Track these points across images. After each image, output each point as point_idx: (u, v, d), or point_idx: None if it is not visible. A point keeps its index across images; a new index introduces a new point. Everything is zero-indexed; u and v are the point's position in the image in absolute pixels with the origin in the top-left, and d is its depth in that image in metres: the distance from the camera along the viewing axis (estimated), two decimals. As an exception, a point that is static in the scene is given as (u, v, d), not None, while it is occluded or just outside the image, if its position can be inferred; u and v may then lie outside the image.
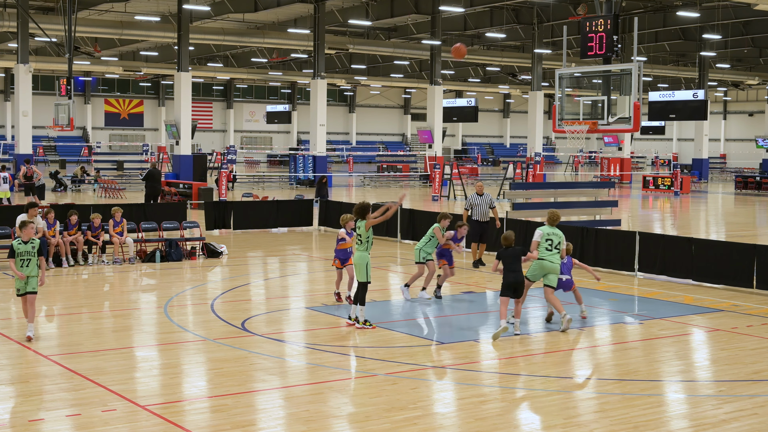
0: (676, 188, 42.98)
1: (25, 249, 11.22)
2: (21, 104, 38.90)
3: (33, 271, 11.24)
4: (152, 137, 77.55)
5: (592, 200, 25.20)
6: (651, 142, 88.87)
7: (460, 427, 8.17)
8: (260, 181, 49.86)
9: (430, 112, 47.66)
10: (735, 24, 46.89)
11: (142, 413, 8.35)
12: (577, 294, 13.18)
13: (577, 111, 20.96)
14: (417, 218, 22.04)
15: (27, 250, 11.22)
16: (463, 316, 13.39)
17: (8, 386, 9.27)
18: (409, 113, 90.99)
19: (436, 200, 35.86)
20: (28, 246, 11.25)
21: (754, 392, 9.38)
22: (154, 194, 27.13)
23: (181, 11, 39.94)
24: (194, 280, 16.64)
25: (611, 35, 20.97)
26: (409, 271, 17.78)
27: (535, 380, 9.80)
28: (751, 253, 15.62)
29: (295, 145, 77.38)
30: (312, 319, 12.99)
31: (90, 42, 52.58)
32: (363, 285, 12.05)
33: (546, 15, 47.15)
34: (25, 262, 11.20)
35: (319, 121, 44.04)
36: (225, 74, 68.72)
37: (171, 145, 49.86)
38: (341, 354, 10.89)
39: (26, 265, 11.20)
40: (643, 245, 17.03)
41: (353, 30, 52.25)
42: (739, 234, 24.63)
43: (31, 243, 11.26)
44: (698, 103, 45.08)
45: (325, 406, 8.70)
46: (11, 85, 61.32)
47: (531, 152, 49.67)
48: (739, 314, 13.54)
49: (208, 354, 10.78)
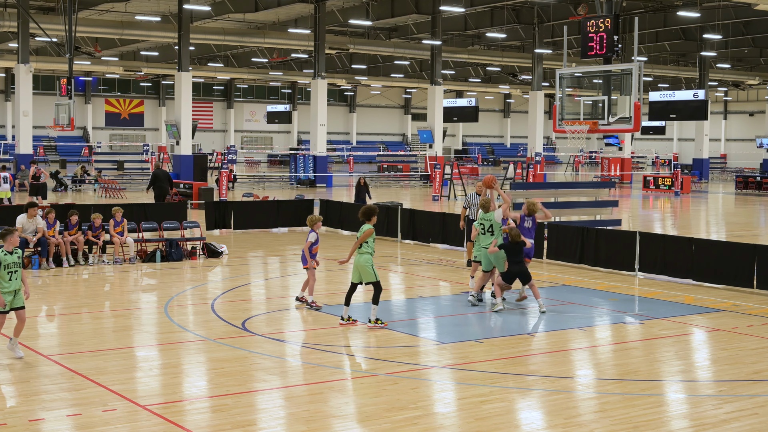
0: (676, 188, 42.98)
1: (12, 260, 10.20)
2: (21, 104, 38.93)
3: (19, 284, 10.27)
4: (153, 137, 77.57)
5: (593, 200, 25.20)
6: (651, 142, 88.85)
7: (460, 427, 8.17)
8: (261, 181, 49.86)
9: (431, 112, 47.66)
10: (735, 24, 46.89)
11: (143, 413, 8.34)
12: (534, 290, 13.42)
13: (578, 111, 20.96)
14: (417, 218, 22.03)
15: (14, 261, 10.23)
16: (463, 316, 13.39)
17: (8, 386, 9.27)
18: (410, 113, 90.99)
19: (436, 200, 35.86)
20: (14, 256, 10.25)
21: (755, 392, 9.37)
22: (163, 195, 27.17)
23: (181, 11, 39.96)
24: (194, 280, 16.64)
25: (612, 35, 20.97)
26: (410, 271, 17.80)
27: (535, 380, 9.80)
28: (752, 253, 15.61)
29: (296, 145, 77.39)
30: (312, 319, 12.99)
31: (90, 42, 52.61)
32: (377, 285, 12.10)
33: (546, 15, 47.16)
34: (13, 275, 10.20)
35: (320, 121, 44.05)
36: (225, 74, 68.74)
37: (171, 145, 49.86)
38: (341, 354, 10.88)
39: (15, 278, 10.21)
40: (643, 245, 17.03)
41: (353, 30, 52.26)
42: (740, 234, 24.63)
43: (16, 253, 10.29)
44: (699, 103, 45.08)
45: (325, 406, 8.70)
46: (12, 85, 61.32)
47: (531, 152, 49.67)
48: (739, 314, 13.54)
49: (208, 354, 10.78)
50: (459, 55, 54.87)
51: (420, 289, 15.72)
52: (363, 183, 28.42)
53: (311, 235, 13.40)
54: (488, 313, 13.41)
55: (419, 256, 19.75)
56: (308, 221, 13.63)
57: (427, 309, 14.00)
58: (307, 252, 13.44)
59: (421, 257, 19.53)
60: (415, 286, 15.96)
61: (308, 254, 13.41)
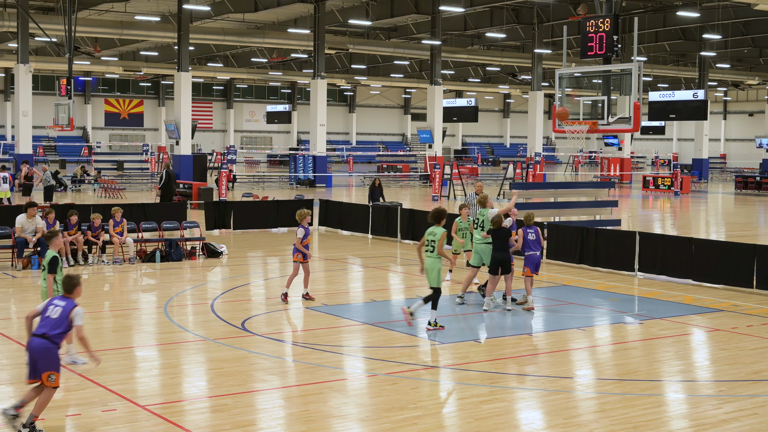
0: (676, 188, 42.98)
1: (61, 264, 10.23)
2: (21, 104, 38.91)
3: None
4: (152, 137, 77.54)
5: (592, 200, 25.20)
6: (651, 142, 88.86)
7: (460, 427, 8.17)
8: (260, 181, 49.86)
9: (430, 112, 47.66)
10: (735, 24, 46.89)
11: (142, 413, 8.35)
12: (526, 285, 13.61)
13: (578, 111, 20.95)
14: (417, 218, 22.03)
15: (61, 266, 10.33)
16: (463, 316, 13.38)
17: (8, 386, 9.27)
18: (409, 113, 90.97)
19: (436, 200, 35.86)
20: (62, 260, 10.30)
21: (754, 392, 9.37)
22: (172, 194, 27.19)
23: (181, 11, 39.94)
24: (194, 280, 16.64)
25: (611, 35, 20.95)
26: (410, 271, 17.79)
27: (535, 380, 9.80)
28: (751, 253, 15.62)
29: (295, 145, 77.37)
30: (312, 319, 12.99)
31: (90, 42, 52.59)
32: (437, 290, 12.04)
33: (546, 15, 47.15)
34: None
35: (319, 121, 44.05)
36: (225, 74, 68.73)
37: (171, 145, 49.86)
38: (341, 354, 10.89)
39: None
40: (643, 245, 17.03)
41: (353, 30, 52.26)
42: (739, 234, 24.63)
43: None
44: (698, 103, 45.08)
45: (325, 406, 8.70)
46: (11, 85, 61.32)
47: (531, 152, 49.66)
48: (739, 314, 13.54)
49: (208, 354, 10.78)
50: (459, 55, 54.89)
51: (420, 290, 15.71)
52: (378, 184, 28.51)
53: (299, 230, 13.64)
54: (488, 313, 13.41)
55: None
56: (297, 216, 13.85)
57: (427, 309, 13.98)
58: (299, 246, 13.63)
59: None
60: (415, 286, 15.96)
61: (302, 249, 13.62)
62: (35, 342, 7.60)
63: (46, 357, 7.56)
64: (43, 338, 7.61)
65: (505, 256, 13.34)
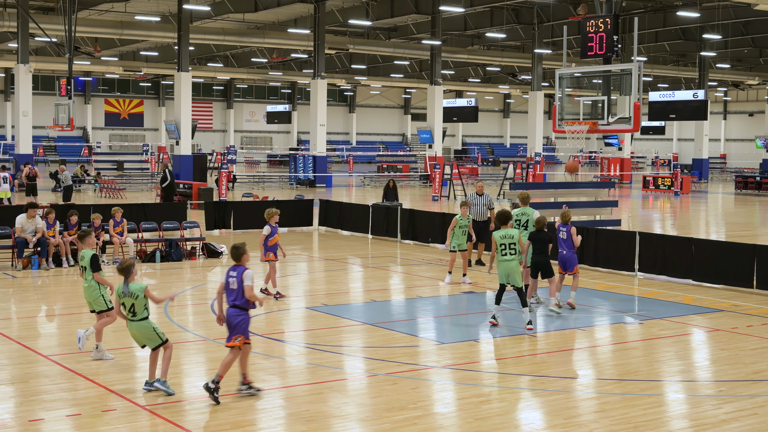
0: (676, 188, 42.98)
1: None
2: (21, 104, 38.91)
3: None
4: (152, 137, 77.55)
5: (592, 200, 25.21)
6: (651, 142, 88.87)
7: (460, 427, 8.17)
8: (260, 181, 49.85)
9: (430, 112, 47.66)
10: (735, 24, 46.89)
11: (142, 413, 8.35)
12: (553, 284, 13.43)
13: (577, 111, 20.96)
14: (417, 218, 22.04)
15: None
16: (463, 316, 13.38)
17: (8, 386, 9.27)
18: (409, 113, 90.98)
19: (436, 200, 35.86)
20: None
21: (754, 392, 9.37)
22: (173, 194, 27.17)
23: (181, 11, 39.95)
24: (194, 280, 16.64)
25: (611, 35, 20.96)
26: (410, 271, 17.79)
27: (535, 380, 9.80)
28: (751, 253, 15.61)
29: (295, 145, 77.37)
30: (312, 319, 12.99)
31: (90, 42, 52.60)
32: (520, 291, 12.12)
33: (546, 15, 47.16)
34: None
35: (319, 121, 44.05)
36: (225, 74, 68.73)
37: (171, 145, 49.86)
38: (341, 354, 10.88)
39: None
40: (643, 245, 17.03)
41: (353, 30, 52.26)
42: (739, 234, 24.63)
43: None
44: (698, 103, 45.08)
45: (325, 406, 8.70)
46: (11, 85, 61.32)
47: (531, 152, 49.66)
48: (739, 314, 13.54)
49: (208, 354, 10.78)
50: (459, 55, 54.89)
51: (420, 289, 15.72)
52: (392, 185, 28.41)
53: (265, 228, 13.88)
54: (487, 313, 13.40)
55: (419, 256, 19.75)
56: (266, 215, 14.03)
57: (427, 309, 14.00)
58: (261, 245, 13.83)
59: (420, 257, 19.52)
60: (415, 286, 15.97)
61: (262, 248, 13.83)
62: (229, 312, 8.83)
63: (236, 323, 8.75)
64: (233, 308, 8.78)
65: (544, 259, 13.18)
